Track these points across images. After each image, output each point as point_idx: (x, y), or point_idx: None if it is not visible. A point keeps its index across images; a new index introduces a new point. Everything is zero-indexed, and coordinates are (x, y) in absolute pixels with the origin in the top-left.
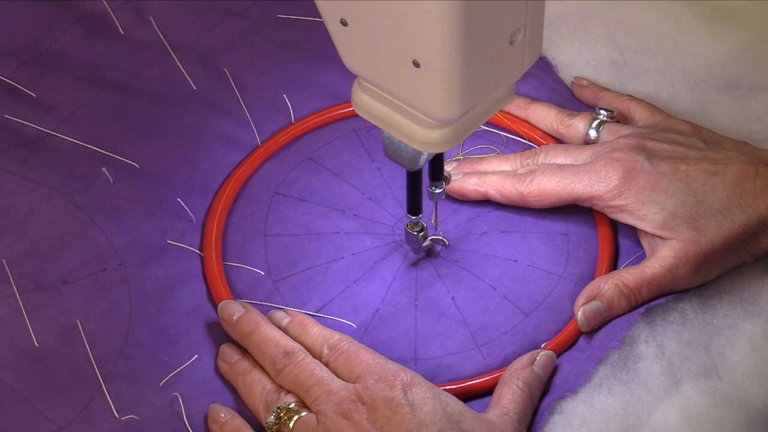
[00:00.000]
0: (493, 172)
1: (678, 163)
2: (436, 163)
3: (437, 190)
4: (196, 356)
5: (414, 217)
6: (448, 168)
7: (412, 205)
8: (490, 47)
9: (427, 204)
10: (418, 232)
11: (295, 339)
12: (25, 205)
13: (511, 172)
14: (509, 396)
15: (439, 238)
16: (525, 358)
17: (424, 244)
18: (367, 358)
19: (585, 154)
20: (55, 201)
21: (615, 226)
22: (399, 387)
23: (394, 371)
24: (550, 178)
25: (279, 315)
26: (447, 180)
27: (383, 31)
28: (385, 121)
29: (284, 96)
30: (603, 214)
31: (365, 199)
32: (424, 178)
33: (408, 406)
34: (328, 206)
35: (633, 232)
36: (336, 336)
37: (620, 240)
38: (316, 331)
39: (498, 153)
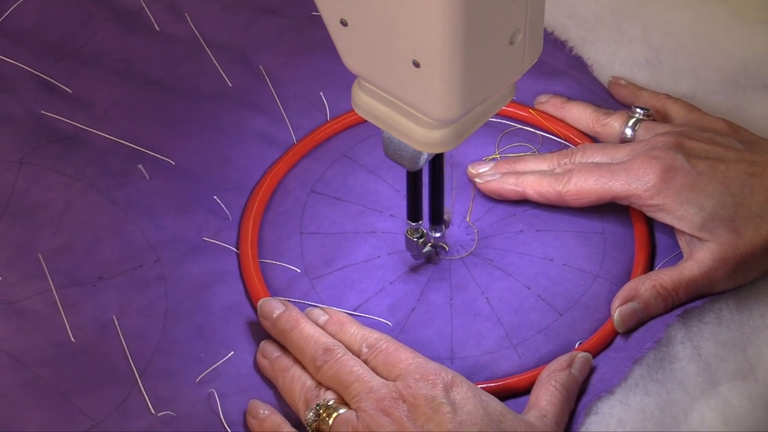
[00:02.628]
0: (531, 172)
1: (716, 163)
2: (437, 165)
3: (436, 234)
4: (233, 353)
5: (414, 224)
6: (485, 167)
7: (412, 211)
8: (490, 47)
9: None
10: (418, 238)
11: (333, 337)
12: (62, 201)
13: (549, 172)
14: (547, 397)
15: (439, 244)
16: (562, 360)
17: (425, 250)
18: (406, 357)
19: (622, 153)
20: (92, 197)
21: (651, 224)
22: (440, 386)
23: (435, 370)
24: (588, 176)
25: (317, 312)
26: (447, 224)
27: (383, 31)
28: (385, 121)
29: (320, 93)
30: (639, 213)
31: (401, 197)
32: (424, 178)
33: (449, 405)
34: (364, 205)
35: (670, 230)
36: (375, 335)
37: (657, 239)
38: (354, 330)
39: (534, 152)
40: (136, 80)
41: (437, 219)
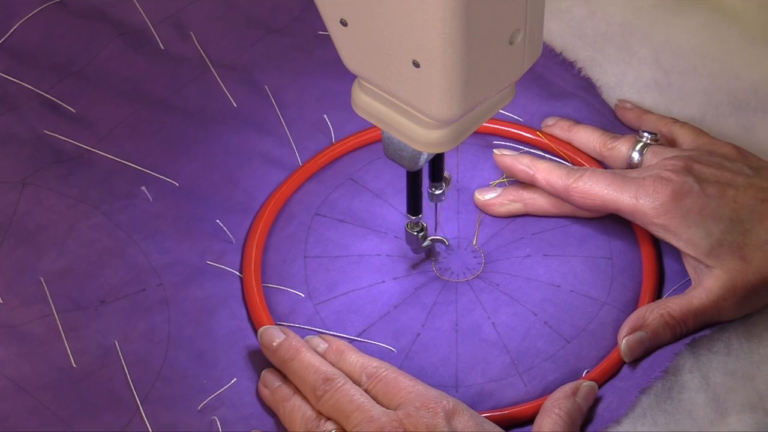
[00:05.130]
0: (545, 160)
1: (726, 188)
2: (437, 164)
3: (437, 191)
4: (235, 379)
5: (414, 218)
6: (492, 193)
7: (412, 206)
8: (490, 47)
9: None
10: (418, 232)
11: (333, 366)
12: (65, 223)
13: (563, 165)
14: (550, 426)
15: (439, 238)
16: (567, 388)
17: (424, 245)
18: (407, 386)
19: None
20: (95, 219)
21: (660, 249)
22: (441, 414)
23: (435, 398)
24: (600, 180)
25: (316, 341)
26: (447, 181)
27: (383, 31)
28: (385, 121)
29: (324, 116)
30: (647, 237)
31: (407, 221)
32: (424, 179)
33: None
34: (369, 228)
35: (678, 256)
36: (374, 363)
37: (665, 264)
38: (354, 359)
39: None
40: (140, 100)
41: (437, 176)
